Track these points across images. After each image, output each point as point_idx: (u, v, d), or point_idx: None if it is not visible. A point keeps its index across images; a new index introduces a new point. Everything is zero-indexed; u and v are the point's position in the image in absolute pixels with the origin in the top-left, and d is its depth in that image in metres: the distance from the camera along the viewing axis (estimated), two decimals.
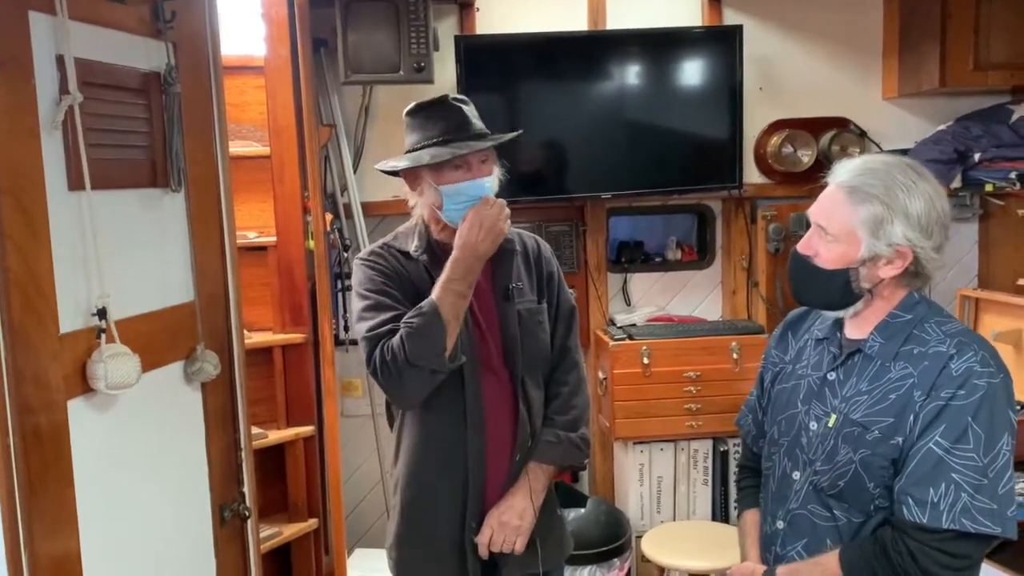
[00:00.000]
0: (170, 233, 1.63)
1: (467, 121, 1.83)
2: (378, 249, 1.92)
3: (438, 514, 1.89)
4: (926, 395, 1.46)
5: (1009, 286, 3.30)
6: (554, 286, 2.00)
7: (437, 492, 1.89)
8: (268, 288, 2.97)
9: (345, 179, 3.22)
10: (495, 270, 1.90)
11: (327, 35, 3.08)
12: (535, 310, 1.94)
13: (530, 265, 1.97)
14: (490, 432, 1.87)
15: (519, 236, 2.00)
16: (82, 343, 1.35)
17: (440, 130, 1.82)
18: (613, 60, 3.22)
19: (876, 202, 1.47)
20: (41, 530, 1.26)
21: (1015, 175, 3.01)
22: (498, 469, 1.89)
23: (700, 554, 2.82)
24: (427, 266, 1.86)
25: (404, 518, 1.93)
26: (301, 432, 2.95)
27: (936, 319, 1.54)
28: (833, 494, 1.56)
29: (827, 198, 1.55)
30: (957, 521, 1.41)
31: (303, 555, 3.02)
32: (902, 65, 3.32)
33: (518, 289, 1.91)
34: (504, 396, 1.90)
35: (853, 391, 1.56)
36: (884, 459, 1.49)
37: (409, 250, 1.89)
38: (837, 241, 1.52)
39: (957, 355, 1.47)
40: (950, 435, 1.43)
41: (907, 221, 1.46)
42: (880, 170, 1.50)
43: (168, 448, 1.60)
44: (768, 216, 3.39)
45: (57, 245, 1.30)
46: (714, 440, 3.26)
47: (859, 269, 1.51)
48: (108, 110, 1.45)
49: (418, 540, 1.92)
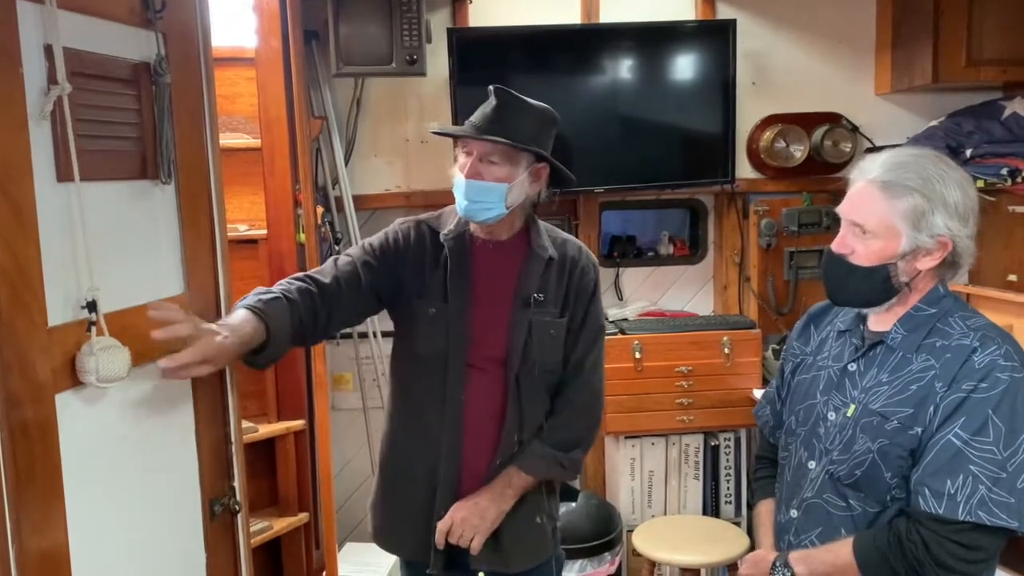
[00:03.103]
0: (160, 225, 1.61)
1: (493, 116, 1.80)
2: (413, 223, 1.94)
3: (411, 492, 1.91)
4: (947, 387, 1.46)
5: (999, 282, 3.31)
6: (583, 301, 1.92)
7: (411, 472, 1.92)
8: (259, 281, 2.94)
9: (336, 172, 3.21)
10: (521, 274, 1.88)
11: (319, 27, 3.06)
12: (551, 323, 1.88)
13: (562, 276, 1.90)
14: (469, 427, 1.86)
15: (562, 244, 1.94)
16: (71, 336, 1.33)
17: (480, 113, 1.83)
18: (606, 54, 3.22)
19: (916, 194, 1.47)
20: (29, 525, 1.24)
21: (1006, 171, 3.02)
22: (476, 465, 1.88)
23: (691, 548, 2.83)
24: (448, 253, 1.86)
25: (381, 488, 2.00)
26: (292, 426, 2.94)
27: (960, 313, 1.54)
28: (849, 484, 1.56)
29: (860, 195, 1.54)
30: (973, 513, 1.41)
31: (294, 549, 3.01)
32: (895, 60, 3.32)
33: (538, 301, 1.86)
34: (494, 397, 1.88)
35: (873, 382, 1.56)
36: (902, 449, 1.49)
37: (441, 231, 1.89)
38: (876, 237, 1.51)
39: (980, 348, 1.47)
40: (970, 427, 1.43)
41: (947, 210, 1.47)
42: (911, 163, 1.50)
43: (158, 442, 1.59)
44: (760, 211, 3.40)
45: (45, 237, 1.28)
46: (705, 435, 3.27)
47: (898, 263, 1.52)
48: (97, 101, 1.43)
49: (392, 512, 1.97)
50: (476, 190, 1.80)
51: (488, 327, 1.86)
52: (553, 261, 1.89)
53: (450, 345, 1.82)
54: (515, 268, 1.88)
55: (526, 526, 1.93)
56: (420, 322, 1.86)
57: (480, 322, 1.86)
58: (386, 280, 1.89)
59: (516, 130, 1.80)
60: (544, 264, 1.88)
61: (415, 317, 1.87)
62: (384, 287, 1.90)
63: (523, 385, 1.87)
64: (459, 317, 1.83)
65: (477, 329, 1.85)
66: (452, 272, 1.84)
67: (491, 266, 1.89)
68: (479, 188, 1.80)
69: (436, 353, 1.83)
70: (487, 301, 1.86)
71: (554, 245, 1.92)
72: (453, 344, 1.82)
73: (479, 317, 1.85)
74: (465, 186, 1.80)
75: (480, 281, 1.87)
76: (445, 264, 1.85)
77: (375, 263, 1.88)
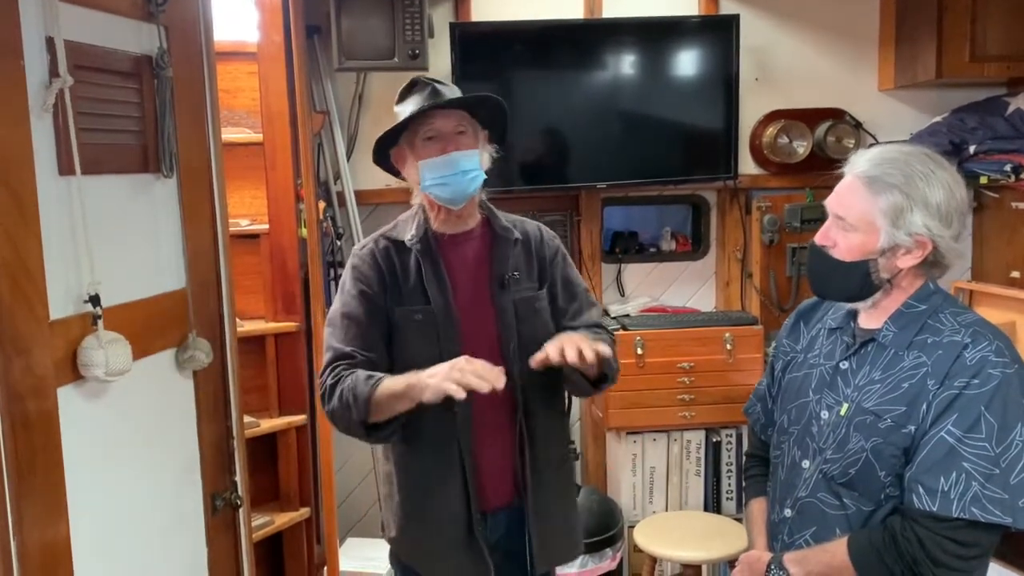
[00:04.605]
0: (161, 219, 1.61)
1: (439, 92, 1.80)
2: (371, 244, 1.90)
3: (439, 509, 1.86)
4: (940, 384, 1.46)
5: (1003, 278, 3.31)
6: (557, 265, 1.95)
7: (434, 487, 1.86)
8: (260, 276, 2.95)
9: (338, 167, 3.20)
10: (492, 259, 1.88)
11: (321, 21, 3.05)
12: (532, 297, 1.90)
13: (530, 253, 1.93)
14: (479, 425, 1.84)
15: (521, 224, 1.96)
16: (73, 330, 1.33)
17: (415, 104, 1.80)
18: (609, 49, 3.21)
19: (896, 191, 1.47)
20: (30, 518, 1.24)
21: (1010, 167, 3.01)
22: (492, 463, 1.87)
23: (692, 544, 2.82)
24: (419, 256, 1.84)
25: (405, 516, 1.91)
26: (293, 421, 2.94)
27: (951, 310, 1.54)
28: (843, 483, 1.56)
29: (845, 188, 1.54)
30: (967, 510, 1.41)
31: (295, 544, 3.02)
32: (898, 56, 3.31)
33: (515, 279, 1.88)
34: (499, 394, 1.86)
35: (866, 380, 1.56)
36: (896, 448, 1.49)
37: (404, 239, 1.87)
38: (856, 231, 1.51)
39: (972, 344, 1.47)
40: (962, 424, 1.43)
41: (927, 210, 1.46)
42: (899, 160, 1.50)
43: (159, 437, 1.59)
44: (763, 207, 3.39)
45: (47, 231, 1.28)
46: (707, 431, 3.27)
47: (878, 259, 1.51)
48: (99, 94, 1.43)
49: (421, 536, 1.90)
50: (462, 160, 1.79)
51: (475, 319, 1.85)
52: (519, 241, 1.91)
53: (443, 346, 1.79)
54: (485, 255, 1.88)
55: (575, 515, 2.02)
56: (409, 330, 1.84)
57: (466, 315, 1.84)
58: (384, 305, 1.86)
59: (456, 95, 1.82)
60: (512, 245, 1.89)
61: (403, 327, 1.84)
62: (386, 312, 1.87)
63: (524, 371, 1.84)
64: (445, 315, 1.81)
65: (465, 323, 1.84)
66: (427, 274, 1.83)
67: (462, 259, 1.88)
68: (463, 158, 1.79)
69: (431, 357, 1.75)
70: (467, 294, 1.85)
71: (515, 227, 1.93)
72: (445, 344, 1.80)
73: (464, 310, 1.84)
74: (452, 160, 1.78)
75: (455, 276, 1.86)
76: (418, 269, 1.84)
77: (375, 298, 1.84)
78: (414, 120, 1.81)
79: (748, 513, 1.84)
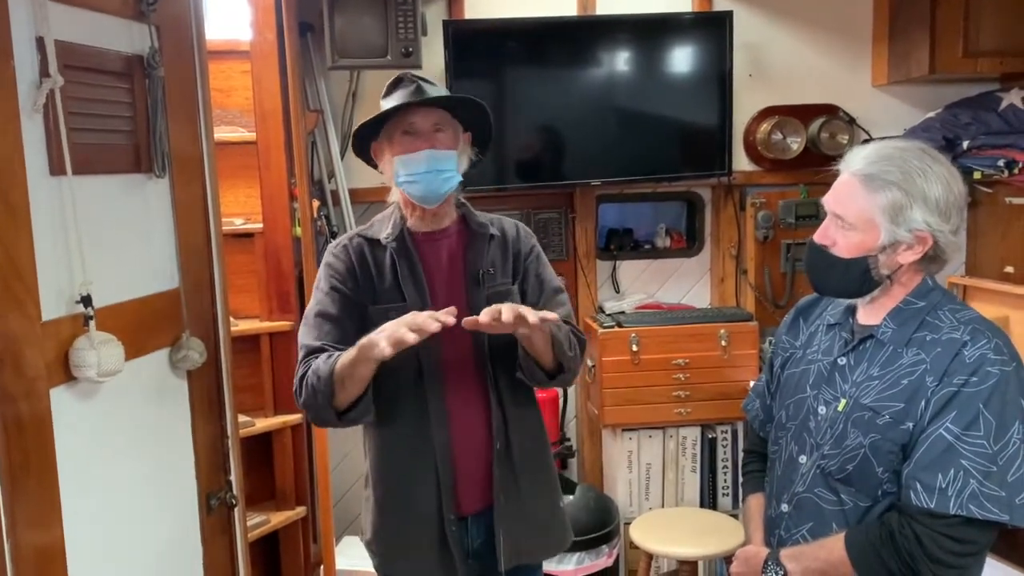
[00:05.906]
0: (154, 219, 1.61)
1: (423, 90, 1.79)
2: (345, 241, 1.90)
3: (412, 511, 1.85)
4: (938, 381, 1.46)
5: (996, 273, 3.32)
6: (531, 261, 1.93)
7: (409, 489, 1.85)
8: (254, 275, 2.95)
9: (332, 165, 3.20)
10: (468, 255, 1.87)
11: (314, 19, 3.04)
12: (506, 292, 1.88)
13: (506, 249, 1.92)
14: (456, 425, 1.83)
15: (499, 221, 1.95)
16: (65, 330, 1.33)
17: (398, 100, 1.79)
18: (603, 46, 3.20)
19: (894, 188, 1.47)
20: (24, 519, 1.24)
21: (1003, 163, 3.02)
22: (468, 463, 1.85)
23: (688, 541, 2.83)
24: (394, 254, 1.83)
25: (380, 514, 1.91)
26: (288, 420, 2.94)
27: (950, 306, 1.54)
28: (841, 478, 1.56)
29: (843, 187, 1.54)
30: (964, 507, 1.41)
31: (291, 543, 3.01)
32: (892, 52, 3.31)
33: (489, 274, 1.87)
34: (473, 386, 1.85)
35: (864, 376, 1.56)
36: (894, 444, 1.49)
37: (380, 238, 1.86)
38: (855, 229, 1.51)
39: (971, 342, 1.46)
40: (961, 421, 1.43)
41: (926, 206, 1.46)
42: (895, 156, 1.49)
43: (154, 436, 1.59)
44: (757, 203, 3.39)
45: (38, 231, 1.28)
46: (702, 427, 3.27)
47: (878, 256, 1.51)
48: (90, 94, 1.42)
49: (396, 537, 1.90)
50: (437, 159, 1.78)
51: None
52: (495, 237, 1.90)
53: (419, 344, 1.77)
54: (461, 252, 1.87)
55: (554, 512, 1.97)
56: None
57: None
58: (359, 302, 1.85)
59: (440, 93, 1.81)
60: (487, 240, 1.89)
61: (378, 324, 1.74)
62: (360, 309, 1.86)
63: (498, 363, 1.84)
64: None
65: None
66: (402, 272, 1.82)
67: (438, 257, 1.88)
68: (440, 156, 1.79)
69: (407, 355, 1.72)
70: (443, 291, 1.84)
71: (492, 224, 1.93)
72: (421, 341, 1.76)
73: (439, 308, 1.81)
74: (426, 158, 1.77)
75: (431, 274, 1.86)
76: (393, 267, 1.83)
77: (349, 294, 1.84)
78: (394, 115, 1.80)
79: (746, 509, 1.85)
